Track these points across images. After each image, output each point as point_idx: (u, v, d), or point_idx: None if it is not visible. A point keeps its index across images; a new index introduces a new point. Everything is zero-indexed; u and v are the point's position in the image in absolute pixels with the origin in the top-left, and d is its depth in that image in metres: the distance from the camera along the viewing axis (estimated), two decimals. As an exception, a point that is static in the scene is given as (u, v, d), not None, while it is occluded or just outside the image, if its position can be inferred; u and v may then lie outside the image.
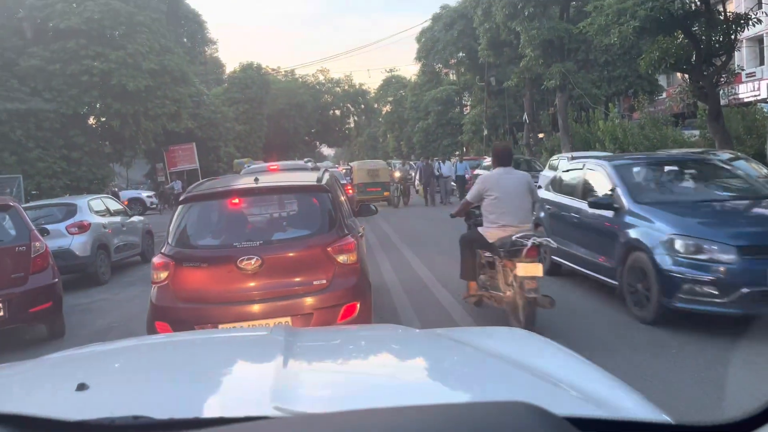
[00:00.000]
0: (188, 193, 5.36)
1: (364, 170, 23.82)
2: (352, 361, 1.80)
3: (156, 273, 4.75)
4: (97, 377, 1.45)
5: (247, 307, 4.65)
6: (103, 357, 1.85)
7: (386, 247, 12.46)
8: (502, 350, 1.67)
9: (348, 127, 65.84)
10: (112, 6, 16.66)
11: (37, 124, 16.24)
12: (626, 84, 30.32)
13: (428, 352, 1.78)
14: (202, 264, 4.80)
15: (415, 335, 2.04)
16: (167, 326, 4.58)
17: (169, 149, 34.52)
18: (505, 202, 5.79)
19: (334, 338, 2.07)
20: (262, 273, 4.61)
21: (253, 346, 1.91)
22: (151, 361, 1.75)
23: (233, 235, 5.00)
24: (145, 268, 12.48)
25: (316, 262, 4.75)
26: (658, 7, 11.11)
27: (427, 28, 38.13)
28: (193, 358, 1.78)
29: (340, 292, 4.71)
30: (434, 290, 8.06)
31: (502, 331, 2.21)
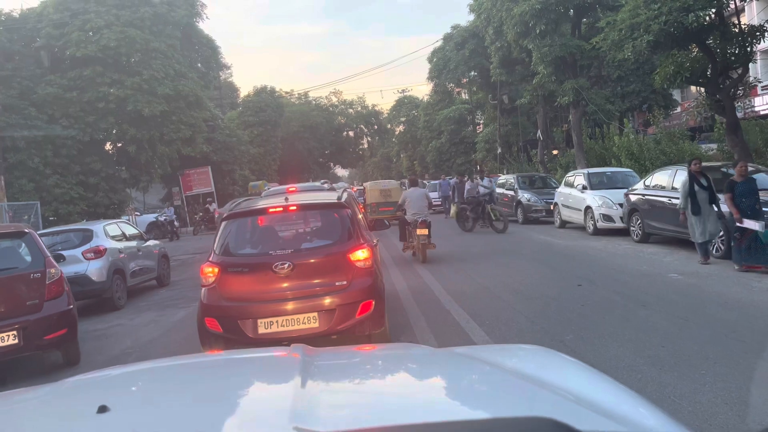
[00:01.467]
0: (230, 211, 6.39)
1: (377, 190, 23.83)
2: (371, 380, 1.79)
3: (205, 277, 5.64)
4: (117, 400, 1.46)
5: (281, 304, 5.45)
6: (122, 379, 1.88)
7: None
8: (522, 368, 1.67)
9: (361, 147, 66.13)
10: (128, 34, 16.90)
11: (54, 151, 16.42)
12: (640, 99, 30.20)
13: (446, 371, 1.78)
14: (243, 269, 5.68)
15: (433, 354, 2.04)
16: (215, 321, 5.48)
17: (184, 173, 34.85)
18: (412, 204, 12.81)
19: (351, 358, 2.08)
20: (293, 276, 5.47)
21: (271, 366, 1.94)
22: (170, 382, 1.78)
23: (268, 245, 5.92)
24: (161, 292, 12.51)
25: (338, 266, 5.61)
26: (672, 21, 11.00)
27: (439, 48, 38.35)
28: (212, 379, 1.80)
29: (358, 292, 5.52)
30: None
31: (520, 349, 2.19)
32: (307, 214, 6.67)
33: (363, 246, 5.76)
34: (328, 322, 5.47)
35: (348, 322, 5.50)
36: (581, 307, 7.44)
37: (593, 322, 6.63)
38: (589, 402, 1.36)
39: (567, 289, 8.73)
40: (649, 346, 5.57)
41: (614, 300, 7.75)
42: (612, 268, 10.30)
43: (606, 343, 5.77)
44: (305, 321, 5.46)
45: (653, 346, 5.54)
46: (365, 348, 2.99)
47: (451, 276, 10.60)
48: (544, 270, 10.75)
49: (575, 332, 6.22)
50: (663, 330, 6.10)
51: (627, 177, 16.27)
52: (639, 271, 9.82)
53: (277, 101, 45.68)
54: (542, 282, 9.52)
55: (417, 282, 10.16)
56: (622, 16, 12.11)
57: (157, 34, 17.91)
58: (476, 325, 6.79)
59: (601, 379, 1.61)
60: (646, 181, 13.23)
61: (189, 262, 18.21)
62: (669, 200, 11.77)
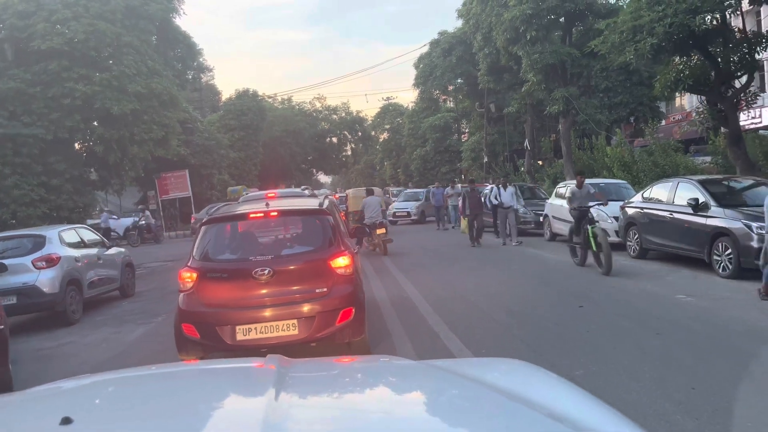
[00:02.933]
0: (209, 216, 6.34)
1: (360, 198, 22.96)
2: (347, 395, 1.72)
3: (183, 282, 5.53)
4: (81, 411, 1.41)
5: (260, 311, 5.37)
6: (87, 390, 1.81)
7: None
8: (502, 383, 1.64)
9: (345, 154, 65.24)
10: (98, 27, 15.88)
11: (14, 150, 15.32)
12: (627, 111, 29.78)
13: (424, 385, 1.74)
14: (222, 274, 5.62)
15: (410, 367, 1.98)
16: (192, 327, 5.37)
17: (161, 176, 33.69)
18: (369, 210, 15.46)
19: (328, 370, 2.01)
20: (273, 282, 5.40)
21: (244, 378, 1.90)
22: (137, 393, 1.72)
23: (248, 251, 5.86)
24: (123, 305, 11.50)
25: (318, 273, 5.53)
26: (678, 24, 10.30)
27: (425, 54, 37.68)
28: (184, 390, 1.75)
29: (338, 299, 5.45)
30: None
31: (501, 363, 2.14)
32: (288, 220, 6.49)
33: (344, 253, 5.68)
34: (307, 329, 5.37)
35: (328, 329, 5.41)
36: (586, 333, 6.61)
37: (603, 353, 5.80)
38: (564, 416, 1.35)
39: (567, 310, 7.92)
40: (675, 386, 4.74)
41: (622, 325, 6.94)
42: (612, 286, 9.51)
43: (623, 381, 4.93)
44: (284, 328, 5.36)
45: (681, 388, 4.71)
46: (343, 360, 2.86)
47: (438, 291, 9.75)
48: (539, 287, 9.95)
49: (585, 365, 5.39)
50: (687, 366, 5.28)
51: (621, 189, 15.58)
52: (643, 290, 9.04)
53: (259, 105, 44.67)
54: (539, 301, 8.70)
55: (399, 295, 9.29)
56: (624, 18, 11.41)
57: (130, 28, 16.91)
58: (471, 354, 5.92)
59: (576, 392, 1.61)
60: (644, 194, 12.52)
61: (159, 270, 17.17)
62: (671, 214, 11.05)
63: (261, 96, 46.84)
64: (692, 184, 10.87)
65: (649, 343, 6.07)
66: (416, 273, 11.94)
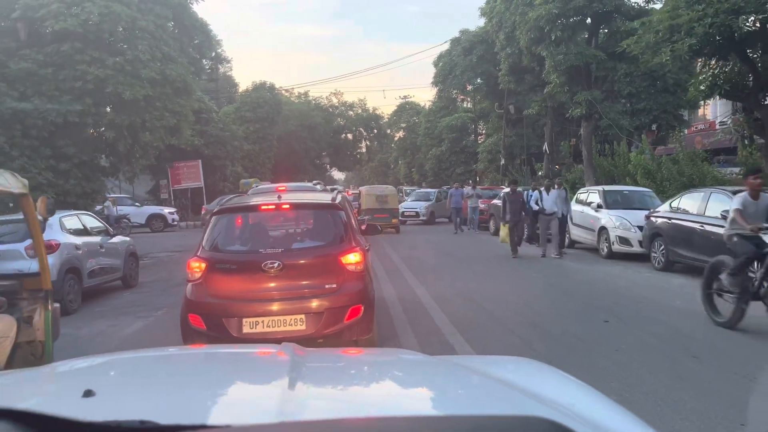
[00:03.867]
0: (221, 206, 6.30)
1: (373, 196, 22.54)
2: (360, 386, 1.71)
3: (191, 272, 5.47)
4: (103, 385, 1.43)
5: (268, 304, 5.32)
6: (109, 366, 1.86)
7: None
8: (512, 378, 1.65)
9: (360, 151, 64.75)
10: (113, 9, 15.48)
11: (23, 132, 14.95)
12: (650, 117, 29.07)
13: (436, 378, 1.74)
14: (231, 266, 5.56)
15: (423, 361, 1.98)
16: (199, 318, 5.31)
17: (173, 165, 33.42)
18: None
19: (342, 361, 2.03)
20: (282, 276, 5.32)
21: (260, 364, 1.94)
22: (155, 372, 1.75)
23: (259, 243, 5.79)
24: (124, 295, 11.09)
25: (328, 268, 5.44)
26: (719, 24, 9.68)
27: (445, 52, 37.06)
28: (199, 372, 1.76)
29: (347, 296, 5.36)
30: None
31: (511, 361, 2.12)
32: (300, 214, 6.44)
33: (355, 249, 5.57)
34: (315, 325, 5.28)
35: (335, 326, 5.31)
36: (615, 352, 6.07)
37: (637, 377, 5.26)
38: (573, 411, 1.36)
39: (592, 325, 7.37)
40: (722, 421, 4.20)
41: (653, 345, 6.39)
42: (638, 300, 8.95)
43: (665, 414, 4.39)
44: (292, 323, 5.27)
45: (729, 423, 4.17)
46: (356, 351, 2.88)
47: (452, 297, 9.23)
48: (559, 298, 9.40)
49: (617, 391, 4.84)
50: (731, 397, 4.73)
51: (645, 197, 14.98)
52: (671, 307, 8.47)
53: (276, 98, 44.21)
54: (560, 313, 8.16)
55: (409, 297, 8.79)
56: (660, 17, 10.81)
57: (146, 12, 16.48)
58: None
59: (585, 390, 1.62)
60: (672, 204, 11.92)
61: (165, 260, 16.80)
62: (701, 226, 10.46)
63: (278, 89, 46.44)
64: (726, 196, 10.26)
65: (686, 368, 5.52)
66: (429, 277, 11.43)
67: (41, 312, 4.67)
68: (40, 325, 4.64)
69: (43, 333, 4.64)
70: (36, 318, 4.64)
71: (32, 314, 4.64)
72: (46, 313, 4.68)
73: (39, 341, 4.62)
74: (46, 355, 4.68)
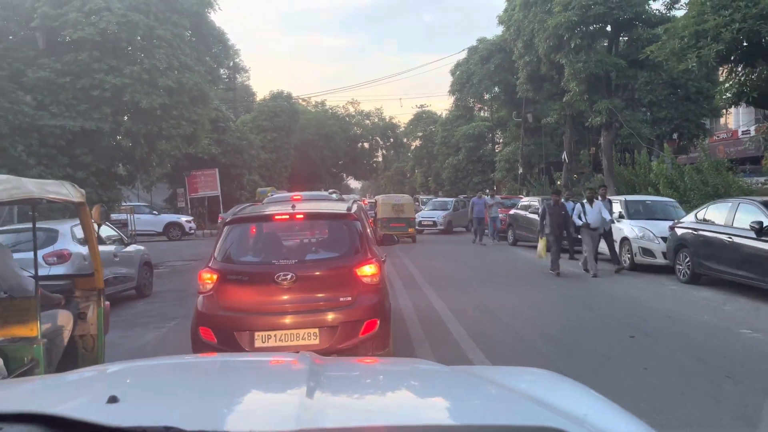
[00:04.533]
0: (234, 216, 6.06)
1: (389, 204, 22.33)
2: (377, 395, 1.73)
3: (203, 284, 5.34)
4: (127, 391, 1.46)
5: (281, 318, 5.18)
6: (132, 373, 1.89)
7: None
8: (529, 389, 1.65)
9: (376, 160, 64.66)
10: (131, 18, 15.52)
11: (41, 140, 15.00)
12: (671, 127, 28.61)
13: (452, 388, 1.75)
14: (243, 277, 5.42)
15: (439, 371, 1.99)
16: (210, 331, 5.18)
17: (191, 174, 33.53)
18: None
19: (359, 371, 2.05)
20: (295, 288, 5.15)
21: (278, 373, 1.95)
22: (178, 379, 1.79)
23: (272, 254, 5.63)
24: (138, 305, 10.96)
25: (343, 281, 5.28)
26: (746, 30, 9.37)
27: (463, 60, 36.87)
28: (219, 380, 1.81)
29: (362, 309, 5.20)
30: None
31: (528, 372, 2.11)
32: (314, 224, 6.34)
33: (371, 261, 5.41)
34: (329, 339, 5.11)
35: (350, 340, 5.14)
36: (644, 371, 5.77)
37: (668, 399, 4.97)
38: (590, 424, 1.36)
39: (617, 341, 7.07)
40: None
41: (684, 363, 6.08)
42: (664, 315, 8.62)
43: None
44: (305, 337, 5.11)
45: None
46: (374, 361, 2.84)
47: (470, 310, 8.98)
48: (581, 311, 9.09)
49: (648, 414, 4.56)
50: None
51: (668, 207, 14.59)
52: (700, 322, 8.13)
53: (293, 107, 44.34)
54: (583, 328, 7.87)
55: (427, 310, 8.55)
56: (685, 22, 10.50)
57: (163, 21, 16.50)
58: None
59: (603, 403, 1.61)
60: (698, 214, 11.56)
61: (181, 269, 16.69)
62: (730, 238, 10.09)
63: (295, 98, 46.55)
64: (755, 206, 9.92)
65: (721, 390, 5.21)
66: (446, 289, 11.18)
67: (94, 309, 5.02)
68: (93, 321, 5.00)
69: (96, 327, 5.00)
70: (89, 314, 4.99)
71: (86, 311, 4.99)
72: (99, 309, 5.01)
73: (91, 335, 4.99)
74: (98, 347, 5.03)
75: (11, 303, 3.88)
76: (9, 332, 3.82)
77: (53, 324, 4.42)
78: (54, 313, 4.50)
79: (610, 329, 7.75)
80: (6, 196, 3.55)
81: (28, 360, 3.84)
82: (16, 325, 3.80)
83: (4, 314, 3.80)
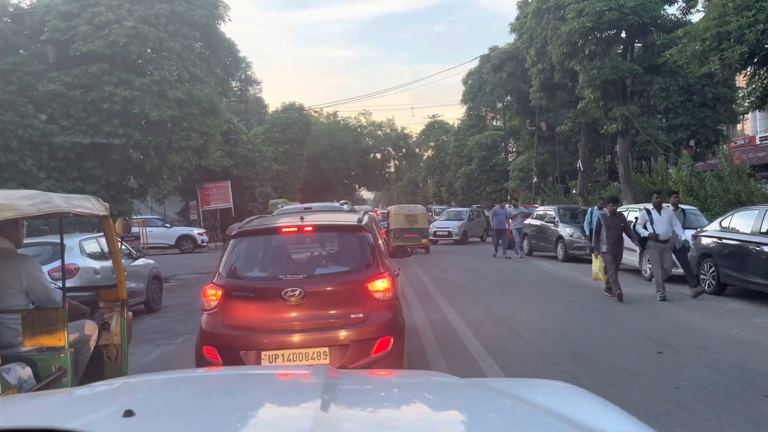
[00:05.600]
0: (239, 229, 5.81)
1: (402, 215, 22.04)
2: (394, 409, 1.71)
3: (207, 300, 5.12)
4: (141, 405, 1.46)
5: (289, 336, 4.93)
6: (145, 387, 1.92)
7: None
8: (543, 402, 1.63)
9: (388, 170, 64.43)
10: (141, 31, 15.44)
11: (50, 153, 14.92)
12: (688, 133, 28.10)
13: (468, 402, 1.72)
14: (249, 294, 5.16)
15: (455, 384, 1.97)
16: (214, 351, 4.93)
17: (203, 186, 33.51)
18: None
19: (375, 384, 2.02)
20: (304, 305, 4.91)
21: (292, 386, 1.94)
22: (193, 393, 1.80)
23: (279, 268, 5.37)
24: (146, 321, 10.73)
25: (354, 296, 5.04)
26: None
27: (475, 69, 36.61)
28: (233, 394, 1.78)
29: (375, 327, 4.94)
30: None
31: (545, 385, 2.13)
32: (324, 237, 6.03)
33: (383, 275, 5.16)
34: (340, 359, 4.84)
35: (362, 360, 4.85)
36: (675, 390, 5.41)
37: (704, 422, 4.61)
38: None
39: (643, 357, 6.71)
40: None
41: (717, 382, 5.70)
42: (691, 328, 8.23)
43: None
44: (314, 356, 4.87)
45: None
46: (389, 373, 2.77)
47: (487, 324, 8.65)
48: (604, 325, 8.72)
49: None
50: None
51: (690, 215, 14.16)
52: (729, 336, 7.74)
53: (305, 118, 44.31)
54: (606, 343, 7.50)
55: (442, 324, 8.23)
56: (706, 24, 10.15)
57: (173, 33, 16.42)
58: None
59: (620, 415, 1.59)
60: (722, 222, 11.16)
61: (192, 282, 16.48)
62: (757, 246, 9.69)
63: (307, 110, 46.54)
64: None
65: (760, 410, 4.85)
66: (462, 301, 10.85)
67: (118, 319, 5.09)
68: (116, 330, 5.08)
69: (119, 337, 5.08)
70: (113, 324, 5.08)
71: (109, 321, 5.07)
72: (122, 319, 5.08)
73: (115, 345, 5.08)
74: (122, 357, 5.10)
75: (40, 314, 3.94)
76: (37, 342, 3.91)
77: (80, 334, 4.52)
78: (80, 324, 4.59)
79: (634, 344, 7.39)
80: (35, 211, 3.64)
81: (55, 369, 3.92)
82: (45, 335, 3.89)
83: (33, 324, 3.89)
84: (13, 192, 3.70)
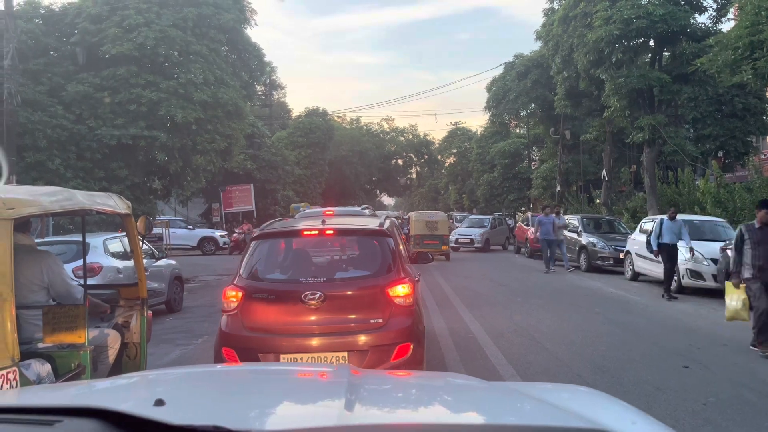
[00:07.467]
0: (261, 231, 5.85)
1: (422, 221, 21.97)
2: (417, 410, 1.72)
3: (227, 302, 5.11)
4: (172, 395, 1.48)
5: (308, 339, 4.90)
6: (175, 378, 1.95)
7: None
8: (569, 405, 1.62)
9: (410, 177, 64.37)
10: (168, 34, 15.65)
11: (78, 154, 15.15)
12: (716, 144, 27.60)
13: (490, 403, 1.73)
14: (269, 296, 5.14)
15: (476, 386, 1.97)
16: (233, 353, 4.91)
17: (226, 189, 33.81)
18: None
19: (398, 385, 2.01)
20: (323, 308, 4.88)
21: (316, 385, 1.94)
22: (220, 385, 1.85)
23: (299, 271, 5.35)
24: (167, 321, 10.79)
25: (374, 301, 5.00)
26: (805, 39, 8.81)
27: (499, 76, 36.43)
28: (258, 389, 1.81)
29: (395, 332, 4.90)
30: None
31: (566, 390, 2.11)
32: (345, 240, 6.04)
33: (404, 280, 5.11)
34: (358, 364, 4.69)
35: (381, 366, 4.78)
36: (703, 407, 5.26)
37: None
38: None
39: (669, 371, 6.54)
40: None
41: (747, 398, 5.54)
42: (720, 343, 8.03)
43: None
44: (333, 361, 4.81)
45: None
46: (410, 374, 2.77)
47: (509, 334, 8.52)
48: (628, 338, 8.54)
49: (713, 458, 4.09)
50: None
51: (717, 227, 13.90)
52: (758, 350, 7.52)
53: (328, 123, 44.51)
54: (631, 357, 7.33)
55: (463, 333, 8.13)
56: (738, 33, 9.96)
57: (200, 36, 16.62)
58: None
59: (646, 420, 1.58)
60: (752, 235, 10.87)
61: (213, 284, 16.56)
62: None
63: (330, 115, 46.73)
64: None
65: (793, 431, 4.69)
66: (483, 310, 10.73)
67: (137, 318, 5.11)
68: (136, 329, 5.09)
69: (139, 336, 5.10)
70: (133, 323, 5.10)
71: (129, 319, 5.10)
72: (142, 318, 5.10)
73: (134, 343, 5.09)
74: (141, 355, 5.12)
75: (60, 310, 3.97)
76: (57, 339, 3.94)
77: (102, 342, 4.55)
78: (104, 334, 4.62)
79: (660, 358, 7.21)
80: (58, 207, 3.68)
81: (75, 366, 3.95)
82: (65, 332, 3.92)
83: (54, 321, 3.93)
84: (36, 188, 3.68)
